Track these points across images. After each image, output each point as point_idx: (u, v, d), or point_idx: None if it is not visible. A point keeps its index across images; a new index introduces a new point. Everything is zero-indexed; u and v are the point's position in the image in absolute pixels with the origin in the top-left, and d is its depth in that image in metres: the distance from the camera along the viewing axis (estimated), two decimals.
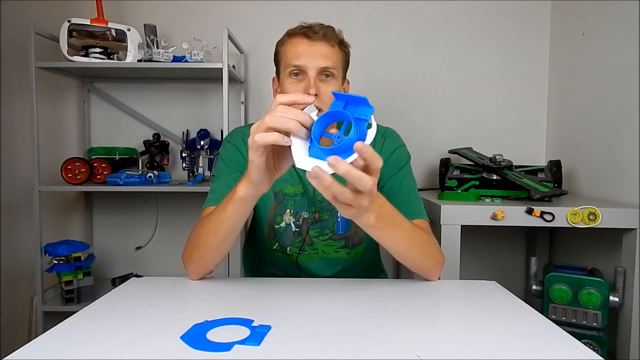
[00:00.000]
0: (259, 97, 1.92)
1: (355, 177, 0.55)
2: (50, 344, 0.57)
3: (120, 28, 1.57)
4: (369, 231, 0.72)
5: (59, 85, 1.84)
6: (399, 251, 0.79)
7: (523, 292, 1.90)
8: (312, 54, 0.92)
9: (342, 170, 0.54)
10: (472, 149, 1.70)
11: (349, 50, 1.01)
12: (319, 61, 0.92)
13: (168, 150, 1.86)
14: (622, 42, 1.41)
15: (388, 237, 0.76)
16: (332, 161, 0.53)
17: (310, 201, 1.02)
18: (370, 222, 0.67)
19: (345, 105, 0.60)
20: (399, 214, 0.75)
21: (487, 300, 0.76)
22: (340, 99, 0.60)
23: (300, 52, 0.93)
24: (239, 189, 0.71)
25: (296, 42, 0.95)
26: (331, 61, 0.93)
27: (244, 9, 1.88)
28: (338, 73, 0.96)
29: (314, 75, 0.92)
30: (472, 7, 1.87)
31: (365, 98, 0.58)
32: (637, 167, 1.33)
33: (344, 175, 0.54)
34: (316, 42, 0.93)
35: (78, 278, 1.68)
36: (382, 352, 0.55)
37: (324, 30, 0.94)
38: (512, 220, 1.29)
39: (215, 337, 0.59)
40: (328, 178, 0.55)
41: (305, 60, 0.92)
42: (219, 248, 0.81)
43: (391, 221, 0.73)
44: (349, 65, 1.03)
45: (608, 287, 1.23)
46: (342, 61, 0.99)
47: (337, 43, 0.97)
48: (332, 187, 0.55)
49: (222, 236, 0.79)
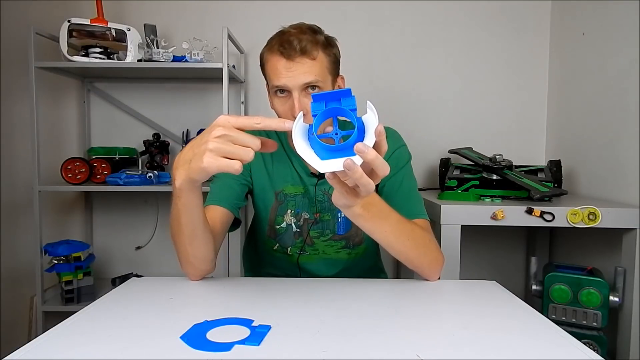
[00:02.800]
0: (259, 97, 1.92)
1: (380, 162, 0.57)
2: (50, 344, 0.57)
3: (120, 28, 1.57)
4: (358, 221, 0.73)
5: (59, 85, 1.84)
6: (390, 243, 0.80)
7: (523, 292, 1.90)
8: (292, 74, 0.87)
9: (371, 155, 0.55)
10: (472, 149, 1.70)
11: (336, 49, 0.95)
12: (300, 79, 0.87)
13: (168, 150, 1.86)
14: (622, 42, 1.41)
15: (377, 228, 0.76)
16: (361, 147, 0.55)
17: (311, 202, 1.02)
18: (357, 211, 0.69)
19: (326, 104, 0.59)
20: (387, 205, 0.77)
21: (487, 300, 0.76)
22: (318, 99, 0.60)
23: (280, 73, 0.88)
24: (176, 179, 0.67)
25: (275, 61, 0.89)
26: (314, 75, 0.88)
27: (244, 9, 1.88)
28: (325, 82, 0.91)
29: (297, 95, 0.87)
30: (472, 7, 1.87)
31: (348, 89, 0.58)
32: (637, 167, 1.33)
33: (372, 160, 0.56)
34: (294, 62, 0.87)
35: (78, 278, 1.68)
36: (382, 352, 0.55)
37: (302, 45, 0.86)
38: (512, 220, 1.28)
39: (215, 337, 0.59)
40: (359, 169, 0.56)
41: (286, 81, 0.87)
42: (193, 244, 0.79)
43: (379, 210, 0.74)
44: (339, 63, 0.98)
45: (608, 287, 1.23)
46: (329, 66, 0.92)
47: (320, 49, 0.89)
48: (363, 178, 0.57)
49: (187, 232, 0.77)
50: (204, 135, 0.62)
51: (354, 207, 0.68)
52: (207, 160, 0.59)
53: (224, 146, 0.59)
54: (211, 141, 0.59)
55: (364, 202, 0.69)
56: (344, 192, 0.62)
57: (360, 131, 0.58)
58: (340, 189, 0.61)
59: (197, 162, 0.61)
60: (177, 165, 0.67)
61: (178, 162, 0.67)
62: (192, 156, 0.62)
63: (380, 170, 0.58)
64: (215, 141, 0.59)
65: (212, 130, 0.60)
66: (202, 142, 0.61)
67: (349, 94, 0.58)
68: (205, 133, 0.62)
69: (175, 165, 0.68)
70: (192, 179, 0.65)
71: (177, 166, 0.67)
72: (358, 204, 0.68)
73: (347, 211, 0.69)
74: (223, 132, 0.59)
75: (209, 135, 0.60)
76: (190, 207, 0.73)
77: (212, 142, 0.59)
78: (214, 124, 0.61)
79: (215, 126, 0.60)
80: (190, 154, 0.63)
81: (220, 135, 0.59)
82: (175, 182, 0.68)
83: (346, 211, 0.69)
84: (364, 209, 0.70)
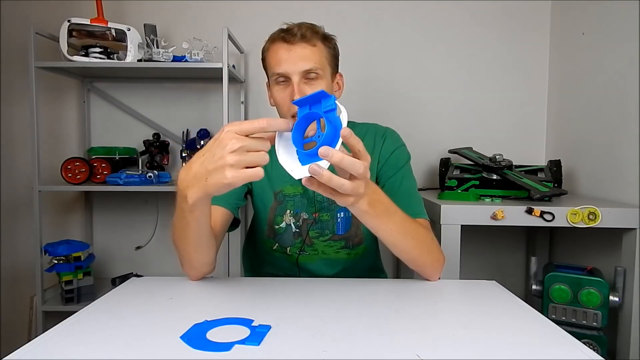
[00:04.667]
0: (259, 97, 1.92)
1: (349, 163, 0.57)
2: (50, 344, 0.57)
3: (120, 28, 1.57)
4: (364, 219, 0.72)
5: (59, 85, 1.85)
6: (394, 242, 0.79)
7: (523, 292, 1.90)
8: (293, 59, 0.90)
9: (336, 158, 0.56)
10: (472, 149, 1.70)
11: (334, 44, 0.99)
12: (300, 65, 0.90)
13: (168, 150, 1.86)
14: (622, 42, 1.41)
15: (383, 226, 0.76)
16: (323, 151, 0.55)
17: (310, 202, 1.02)
18: (363, 208, 0.68)
19: (309, 107, 0.61)
20: (393, 203, 0.76)
21: (487, 300, 0.76)
22: (302, 104, 0.62)
23: (280, 59, 0.91)
24: (189, 196, 0.65)
25: (276, 48, 0.93)
26: (313, 62, 0.91)
27: (244, 9, 1.88)
28: (324, 72, 0.94)
29: (298, 80, 0.90)
30: (472, 7, 1.87)
31: (322, 91, 0.60)
32: (637, 167, 1.33)
33: (338, 162, 0.56)
34: (295, 45, 0.91)
35: (78, 278, 1.68)
36: (382, 352, 0.55)
37: (302, 31, 0.91)
38: (512, 220, 1.28)
39: (215, 337, 0.59)
40: (326, 173, 0.56)
41: (286, 66, 0.90)
42: (198, 251, 0.79)
43: (385, 208, 0.74)
44: (338, 59, 1.01)
45: (608, 287, 1.23)
46: (328, 57, 0.96)
47: (319, 40, 0.94)
48: (332, 181, 0.57)
49: (194, 240, 0.77)
50: (213, 149, 0.60)
51: (359, 205, 0.67)
52: (231, 175, 0.58)
53: (243, 157, 0.58)
54: (228, 156, 0.58)
55: (370, 200, 0.68)
56: (329, 195, 0.61)
57: (336, 131, 0.58)
58: (323, 192, 0.61)
59: (219, 179, 0.59)
60: (188, 184, 0.65)
61: (188, 181, 0.65)
62: (207, 173, 0.61)
63: (353, 169, 0.57)
64: (233, 155, 0.58)
65: (222, 143, 0.59)
66: (217, 157, 0.59)
67: (326, 95, 0.59)
68: (215, 147, 0.60)
69: (185, 184, 0.65)
70: (209, 195, 0.64)
71: (188, 185, 0.65)
72: (364, 201, 0.67)
73: (352, 209, 0.69)
74: (238, 144, 0.58)
75: (223, 150, 0.58)
76: (201, 218, 0.72)
77: (230, 157, 0.58)
78: (222, 136, 0.59)
79: (225, 139, 0.59)
80: (203, 171, 0.61)
81: (236, 148, 0.58)
82: (188, 199, 0.65)
83: (352, 209, 0.69)
84: (370, 206, 0.69)
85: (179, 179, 0.67)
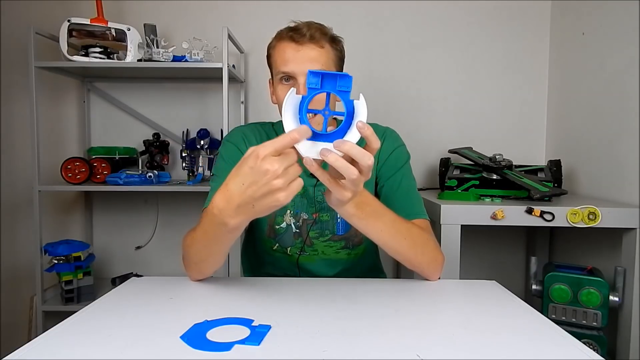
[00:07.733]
0: (259, 97, 1.92)
1: (359, 153, 0.58)
2: (50, 344, 0.57)
3: (120, 28, 1.57)
4: (352, 221, 0.73)
5: (59, 85, 1.84)
6: (386, 243, 0.80)
7: (523, 292, 1.90)
8: (300, 59, 0.89)
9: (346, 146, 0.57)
10: (472, 149, 1.70)
11: (342, 46, 0.98)
12: (307, 66, 0.89)
13: (168, 150, 1.86)
14: (622, 42, 1.41)
15: (372, 227, 0.76)
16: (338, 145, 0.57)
17: (310, 202, 1.01)
18: (351, 211, 0.69)
19: (321, 79, 0.61)
20: (382, 205, 0.77)
21: (487, 300, 0.76)
22: (315, 75, 0.61)
23: (287, 58, 0.90)
24: (231, 224, 0.65)
25: (284, 46, 0.92)
26: (320, 64, 0.90)
27: (244, 9, 1.88)
28: None
29: (304, 81, 0.89)
30: (472, 7, 1.87)
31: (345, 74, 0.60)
32: (637, 167, 1.33)
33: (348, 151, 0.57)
34: (303, 46, 0.90)
35: (78, 278, 1.68)
36: (382, 352, 0.55)
37: (311, 32, 0.90)
38: (512, 220, 1.28)
39: (215, 336, 0.59)
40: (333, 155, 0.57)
41: (293, 66, 0.89)
42: (217, 260, 0.81)
43: (373, 210, 0.74)
44: (344, 61, 1.01)
45: (608, 287, 1.23)
46: (335, 59, 0.96)
47: (327, 41, 0.93)
48: (338, 162, 0.58)
49: (216, 254, 0.78)
50: (255, 177, 0.59)
51: (347, 207, 0.68)
52: (284, 197, 0.59)
53: (287, 177, 0.59)
54: (275, 180, 0.58)
55: (357, 202, 0.69)
56: (326, 181, 0.62)
57: (349, 116, 0.59)
58: (320, 177, 0.61)
59: (270, 203, 0.60)
60: (230, 213, 0.64)
61: (230, 210, 0.63)
62: (254, 201, 0.60)
63: (362, 161, 0.58)
64: (281, 178, 0.58)
65: (262, 169, 0.58)
66: (262, 184, 0.59)
67: (346, 76, 0.60)
68: (255, 175, 0.59)
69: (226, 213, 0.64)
70: (255, 217, 0.65)
71: (230, 214, 0.64)
72: (351, 203, 0.68)
73: (340, 210, 0.70)
74: (280, 167, 0.58)
75: (267, 177, 0.58)
76: (237, 234, 0.72)
77: (277, 182, 0.58)
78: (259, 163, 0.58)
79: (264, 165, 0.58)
80: (249, 200, 0.61)
81: (281, 172, 0.58)
82: (229, 225, 0.65)
83: (340, 210, 0.70)
84: (358, 208, 0.70)
85: (214, 207, 0.65)
